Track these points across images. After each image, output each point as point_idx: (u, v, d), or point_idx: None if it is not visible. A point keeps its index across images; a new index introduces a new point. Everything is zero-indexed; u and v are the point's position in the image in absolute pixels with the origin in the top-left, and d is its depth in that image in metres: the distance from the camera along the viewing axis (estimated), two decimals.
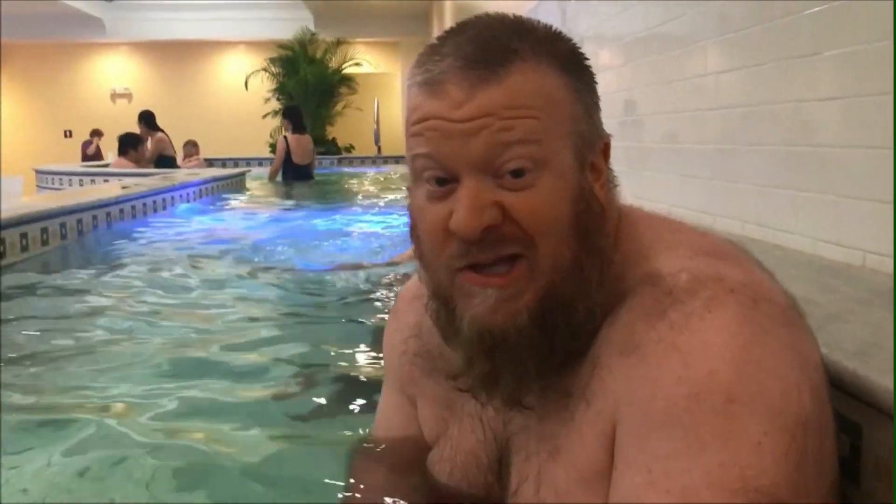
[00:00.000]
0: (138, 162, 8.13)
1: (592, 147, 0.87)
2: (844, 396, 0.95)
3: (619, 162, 0.93)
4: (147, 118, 8.99)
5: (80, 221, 3.97)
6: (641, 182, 2.94)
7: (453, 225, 0.80)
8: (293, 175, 8.62)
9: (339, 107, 14.13)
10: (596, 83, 0.90)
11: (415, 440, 1.07)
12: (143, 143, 8.39)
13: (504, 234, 0.81)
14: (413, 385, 1.07)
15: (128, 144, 8.14)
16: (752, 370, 0.74)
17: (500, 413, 0.94)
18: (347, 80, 14.10)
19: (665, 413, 0.74)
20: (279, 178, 8.69)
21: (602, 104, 0.91)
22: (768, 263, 1.64)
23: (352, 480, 1.12)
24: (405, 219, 0.91)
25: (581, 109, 0.85)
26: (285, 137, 8.78)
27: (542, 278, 0.82)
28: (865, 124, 1.58)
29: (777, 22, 1.93)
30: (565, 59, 0.86)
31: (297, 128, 8.79)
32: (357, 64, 14.36)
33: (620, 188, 0.93)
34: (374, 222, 5.05)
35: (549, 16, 4.50)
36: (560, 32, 0.89)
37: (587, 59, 0.90)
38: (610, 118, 3.70)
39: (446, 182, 0.82)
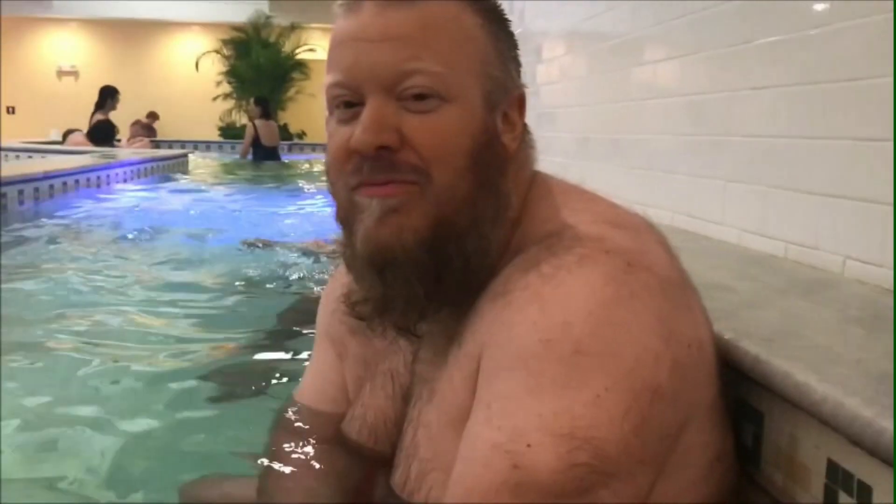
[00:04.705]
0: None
1: (505, 94, 0.89)
2: (749, 384, 0.93)
3: (556, 153, 0.92)
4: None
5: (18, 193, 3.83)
6: (583, 171, 2.92)
7: (352, 141, 0.83)
8: (262, 156, 9.88)
9: (291, 92, 13.98)
10: (516, 43, 0.93)
11: (341, 401, 1.08)
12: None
13: (398, 160, 0.82)
14: (340, 343, 1.08)
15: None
16: (608, 328, 0.74)
17: (409, 367, 0.96)
18: (301, 66, 13.95)
19: (515, 356, 0.75)
20: (250, 157, 10.00)
21: (545, 94, 0.92)
22: (693, 252, 1.63)
23: (273, 445, 1.11)
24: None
25: (495, 54, 0.88)
26: (254, 123, 10.04)
27: (434, 207, 0.83)
28: (794, 114, 1.57)
29: (709, 11, 1.91)
30: (487, 6, 0.90)
31: (265, 114, 10.14)
32: (311, 50, 14.19)
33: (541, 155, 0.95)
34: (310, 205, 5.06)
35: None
36: None
37: (508, 20, 0.93)
38: (554, 108, 3.69)
39: (354, 106, 0.84)
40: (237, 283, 2.70)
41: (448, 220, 0.84)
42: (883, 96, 1.29)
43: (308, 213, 4.86)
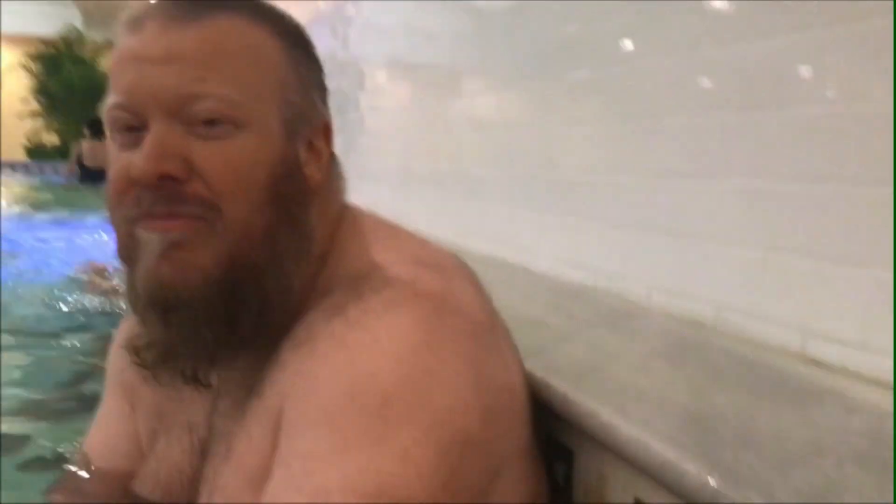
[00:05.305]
0: None
1: (308, 123, 0.84)
2: (559, 422, 0.92)
3: (381, 181, 0.89)
4: None
5: None
6: (407, 200, 2.91)
7: (132, 170, 0.75)
8: (88, 178, 9.49)
9: None
10: (321, 68, 0.89)
11: (134, 455, 0.98)
12: None
13: (185, 192, 0.75)
14: (132, 392, 0.99)
15: None
16: (418, 377, 0.70)
17: (207, 419, 0.88)
18: None
19: (319, 410, 0.70)
20: (75, 179, 9.77)
21: (369, 121, 0.88)
22: (508, 284, 1.63)
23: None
24: None
25: (296, 79, 0.83)
26: (80, 144, 9.95)
27: (225, 243, 0.76)
28: (602, 148, 1.61)
29: (523, 47, 1.95)
30: (286, 29, 0.84)
31: (95, 135, 9.82)
32: None
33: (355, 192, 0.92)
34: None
35: (322, 31, 4.43)
36: (290, 16, 0.87)
37: (312, 44, 0.88)
38: (378, 136, 3.66)
39: (137, 130, 0.77)
40: (25, 329, 2.46)
41: (243, 258, 0.77)
42: (681, 132, 1.34)
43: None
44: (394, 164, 3.14)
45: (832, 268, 1.04)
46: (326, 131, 0.88)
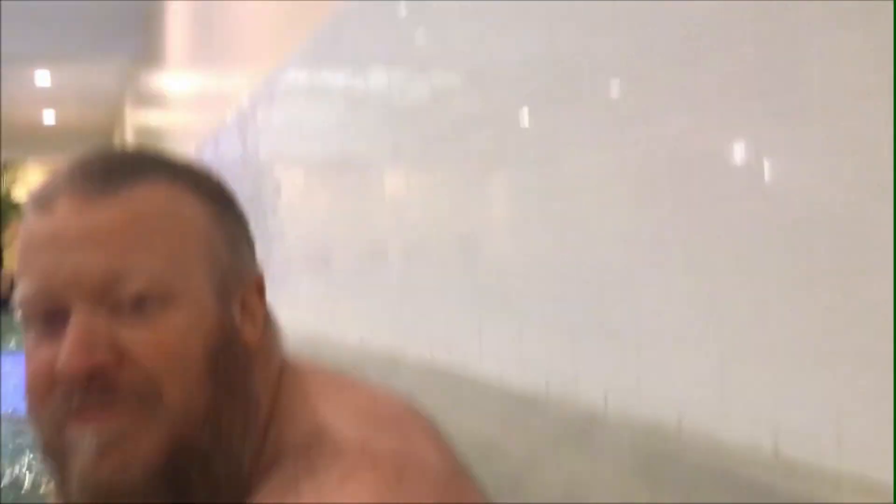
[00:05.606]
0: None
1: (240, 282, 0.78)
2: None
3: (304, 282, 0.81)
4: None
5: None
6: (333, 312, 2.83)
7: (57, 366, 0.68)
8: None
9: (10, 235, 12.84)
10: (247, 221, 0.83)
11: None
12: None
13: (119, 381, 0.68)
14: None
15: None
16: None
17: None
18: (18, 208, 12.89)
19: None
20: None
21: (288, 233, 0.80)
22: (457, 399, 1.57)
23: None
24: None
25: (223, 239, 0.77)
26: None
27: (167, 429, 0.69)
28: (536, 246, 1.59)
29: (447, 144, 1.94)
30: (207, 186, 0.78)
31: None
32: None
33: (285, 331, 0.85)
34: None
35: (230, 138, 4.39)
36: (206, 167, 0.82)
37: (234, 194, 0.82)
38: (302, 239, 3.54)
39: (56, 320, 0.69)
40: None
41: (186, 443, 0.70)
42: (612, 229, 1.32)
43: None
44: (322, 268, 3.07)
45: (794, 365, 1.01)
46: (259, 287, 0.82)
